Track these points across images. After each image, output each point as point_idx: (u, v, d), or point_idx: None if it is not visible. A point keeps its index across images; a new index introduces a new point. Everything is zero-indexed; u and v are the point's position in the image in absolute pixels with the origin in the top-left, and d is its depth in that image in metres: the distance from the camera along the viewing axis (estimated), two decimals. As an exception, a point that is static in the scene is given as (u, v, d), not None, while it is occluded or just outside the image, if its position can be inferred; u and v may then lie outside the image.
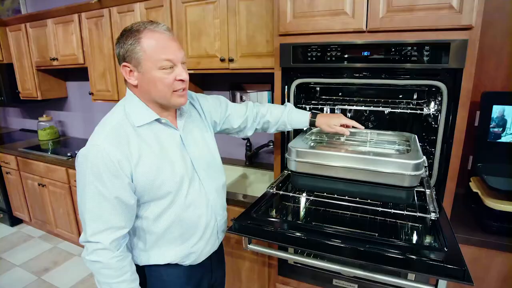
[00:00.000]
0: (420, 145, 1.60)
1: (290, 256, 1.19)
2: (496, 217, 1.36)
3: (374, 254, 0.95)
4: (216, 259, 1.29)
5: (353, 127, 1.35)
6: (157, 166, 1.02)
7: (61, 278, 2.56)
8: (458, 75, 1.27)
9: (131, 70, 1.00)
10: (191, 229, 1.12)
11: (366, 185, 1.06)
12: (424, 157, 1.13)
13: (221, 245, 1.33)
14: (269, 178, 2.23)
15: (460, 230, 1.40)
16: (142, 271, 1.12)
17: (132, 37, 0.97)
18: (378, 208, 1.17)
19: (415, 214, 1.13)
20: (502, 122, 1.57)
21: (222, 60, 1.95)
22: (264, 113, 1.40)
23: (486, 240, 1.35)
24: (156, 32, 0.98)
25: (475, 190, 1.48)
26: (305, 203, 1.43)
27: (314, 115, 1.37)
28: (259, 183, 2.30)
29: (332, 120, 1.33)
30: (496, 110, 1.56)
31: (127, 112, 1.03)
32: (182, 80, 1.02)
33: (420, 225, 1.23)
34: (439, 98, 1.35)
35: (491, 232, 1.37)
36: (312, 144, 1.44)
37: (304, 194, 1.41)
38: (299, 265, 1.63)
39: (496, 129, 1.57)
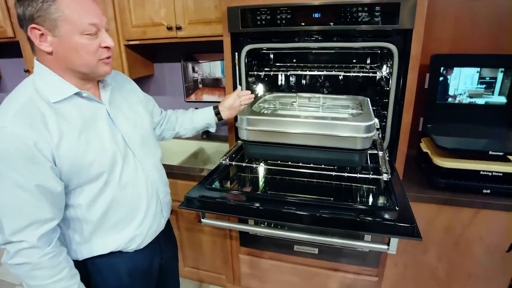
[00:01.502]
0: (374, 109, 1.62)
1: (244, 227, 1.17)
2: (444, 175, 1.42)
3: (329, 219, 0.94)
4: (165, 238, 1.21)
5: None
6: (83, 145, 0.90)
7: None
8: (408, 36, 1.27)
9: (42, 34, 0.84)
10: (132, 211, 1.03)
11: (319, 150, 1.04)
12: (376, 119, 1.12)
13: (168, 223, 1.26)
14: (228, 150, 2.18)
15: (412, 189, 1.46)
16: (83, 265, 1.02)
17: None
18: (332, 173, 1.16)
19: (368, 176, 1.14)
20: (446, 84, 1.62)
21: (169, 28, 1.81)
22: (170, 114, 1.41)
23: (435, 196, 1.41)
24: None
25: (425, 150, 1.52)
26: (260, 172, 1.41)
27: (215, 107, 1.42)
28: (217, 156, 2.23)
29: (229, 101, 1.40)
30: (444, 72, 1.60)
31: (37, 87, 0.88)
32: (107, 48, 0.91)
33: (374, 187, 1.25)
34: (391, 62, 1.35)
35: (440, 189, 1.43)
36: (264, 111, 1.39)
37: (259, 163, 1.38)
38: (260, 234, 1.62)
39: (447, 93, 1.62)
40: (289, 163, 1.26)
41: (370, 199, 1.18)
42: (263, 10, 1.32)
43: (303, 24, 1.29)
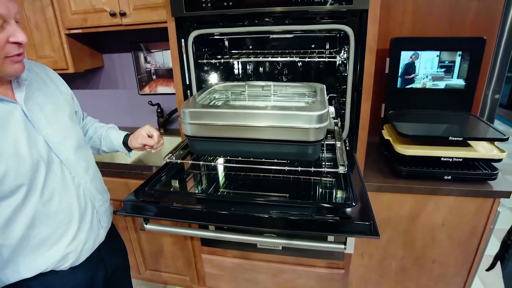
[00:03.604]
0: (334, 96, 1.55)
1: (194, 232, 1.05)
2: (406, 162, 1.37)
3: (281, 220, 0.86)
4: (108, 249, 1.08)
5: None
6: None
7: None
8: (364, 17, 1.19)
9: None
10: (62, 226, 0.90)
11: (269, 143, 0.95)
12: (331, 108, 1.05)
13: (113, 230, 1.14)
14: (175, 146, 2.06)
15: (375, 178, 1.41)
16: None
17: None
18: (285, 168, 1.07)
19: (323, 169, 1.06)
20: (409, 69, 1.58)
21: (113, 14, 1.65)
22: (87, 122, 1.20)
23: (398, 185, 1.37)
24: None
25: (387, 137, 1.47)
26: (214, 169, 1.30)
27: (127, 135, 1.17)
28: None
29: (139, 140, 1.12)
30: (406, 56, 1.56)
31: None
32: (18, 44, 0.76)
33: (333, 179, 1.18)
34: (348, 46, 1.27)
35: (402, 177, 1.39)
36: (215, 102, 1.28)
37: (208, 160, 1.27)
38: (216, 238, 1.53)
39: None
40: (240, 158, 1.16)
41: (327, 195, 1.11)
42: (209, -8, 1.20)
43: (252, 5, 1.18)
